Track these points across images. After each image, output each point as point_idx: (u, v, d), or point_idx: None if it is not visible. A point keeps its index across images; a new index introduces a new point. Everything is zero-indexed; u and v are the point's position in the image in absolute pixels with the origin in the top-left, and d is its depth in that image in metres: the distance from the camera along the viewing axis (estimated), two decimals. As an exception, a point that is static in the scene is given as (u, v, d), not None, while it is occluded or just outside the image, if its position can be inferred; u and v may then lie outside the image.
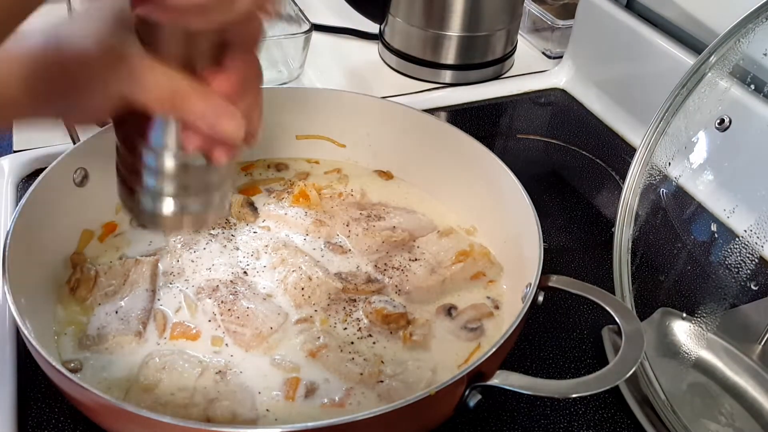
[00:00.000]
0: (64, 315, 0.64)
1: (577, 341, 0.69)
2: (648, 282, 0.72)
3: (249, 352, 0.62)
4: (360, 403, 0.58)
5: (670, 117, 0.67)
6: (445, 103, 1.04)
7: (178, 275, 0.68)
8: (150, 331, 0.63)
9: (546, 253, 0.60)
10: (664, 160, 0.68)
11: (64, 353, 0.61)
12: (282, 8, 1.10)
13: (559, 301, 0.72)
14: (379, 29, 1.12)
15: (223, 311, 0.64)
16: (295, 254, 0.70)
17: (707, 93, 0.66)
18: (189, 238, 0.71)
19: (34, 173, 0.84)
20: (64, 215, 0.68)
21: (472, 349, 0.64)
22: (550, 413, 0.63)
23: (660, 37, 0.91)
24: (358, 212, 0.75)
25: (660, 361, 0.64)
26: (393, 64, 1.10)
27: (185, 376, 0.59)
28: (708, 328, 0.65)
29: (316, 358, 0.61)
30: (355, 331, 0.64)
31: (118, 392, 0.58)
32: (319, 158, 0.85)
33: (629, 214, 0.68)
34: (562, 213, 0.85)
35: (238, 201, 0.76)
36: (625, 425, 0.62)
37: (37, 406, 0.60)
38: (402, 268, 0.70)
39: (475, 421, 0.62)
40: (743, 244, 0.63)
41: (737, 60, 0.65)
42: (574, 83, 1.07)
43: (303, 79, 1.04)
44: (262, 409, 0.57)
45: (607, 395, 0.64)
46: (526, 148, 0.97)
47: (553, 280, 0.58)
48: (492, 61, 1.08)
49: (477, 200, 0.75)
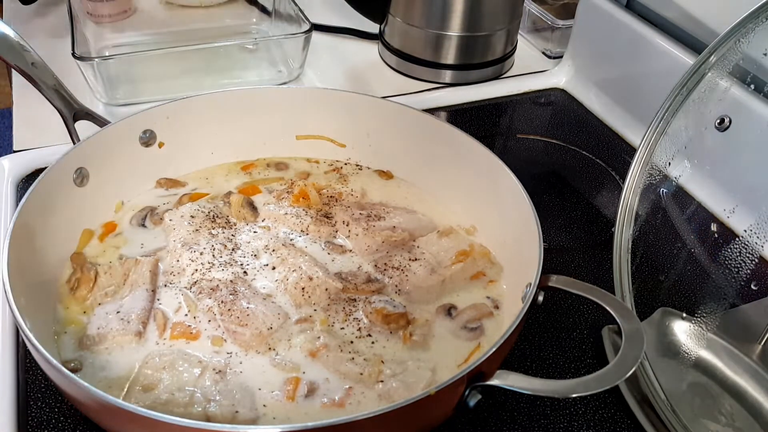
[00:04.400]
0: (64, 315, 0.64)
1: (577, 341, 0.69)
2: (648, 282, 0.72)
3: (249, 352, 0.62)
4: (360, 403, 0.58)
5: (670, 117, 0.67)
6: (445, 103, 1.04)
7: (178, 275, 0.68)
8: (150, 331, 0.63)
9: (546, 253, 0.60)
10: (664, 160, 0.68)
11: (64, 353, 0.61)
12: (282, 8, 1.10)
13: (559, 301, 0.72)
14: (379, 29, 1.12)
15: (223, 311, 0.64)
16: (295, 254, 0.70)
17: (707, 93, 0.66)
18: (189, 238, 0.71)
19: (34, 173, 0.84)
20: (64, 215, 0.69)
21: (472, 349, 0.64)
22: (550, 413, 0.63)
23: (660, 37, 0.91)
24: (358, 212, 0.75)
25: (660, 361, 0.64)
26: (393, 64, 1.10)
27: (185, 376, 0.59)
28: (708, 328, 0.65)
29: (316, 358, 0.61)
30: (355, 330, 0.64)
31: (118, 392, 0.58)
32: (319, 158, 0.85)
33: (629, 214, 0.68)
34: (562, 213, 0.85)
35: (238, 201, 0.76)
36: (625, 425, 0.62)
37: (37, 406, 0.61)
38: (402, 268, 0.70)
39: (475, 421, 0.62)
40: (743, 244, 0.63)
41: (737, 60, 0.64)
42: (574, 83, 1.07)
43: (303, 79, 1.04)
44: (262, 409, 0.58)
45: (607, 395, 0.64)
46: (526, 148, 0.97)
47: (553, 280, 0.58)
48: (492, 61, 1.08)
49: (477, 200, 0.75)
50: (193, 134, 0.80)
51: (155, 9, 1.19)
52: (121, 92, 0.97)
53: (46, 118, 0.86)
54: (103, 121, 0.75)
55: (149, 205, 0.76)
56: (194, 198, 0.78)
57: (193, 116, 0.79)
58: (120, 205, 0.76)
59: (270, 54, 1.07)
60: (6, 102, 2.29)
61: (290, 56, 1.04)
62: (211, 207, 0.75)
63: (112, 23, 1.13)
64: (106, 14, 1.12)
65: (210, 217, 0.74)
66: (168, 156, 0.79)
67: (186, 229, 0.72)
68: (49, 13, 1.19)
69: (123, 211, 0.76)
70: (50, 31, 1.13)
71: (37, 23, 1.16)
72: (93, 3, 1.11)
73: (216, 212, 0.75)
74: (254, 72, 1.04)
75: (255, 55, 1.06)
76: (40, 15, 1.18)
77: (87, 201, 0.71)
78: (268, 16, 1.16)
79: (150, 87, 0.99)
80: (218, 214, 0.75)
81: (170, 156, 0.79)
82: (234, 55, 1.04)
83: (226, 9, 1.20)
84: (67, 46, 0.92)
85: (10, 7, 1.21)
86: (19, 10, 1.19)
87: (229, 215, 0.75)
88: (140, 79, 0.99)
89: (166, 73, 1.01)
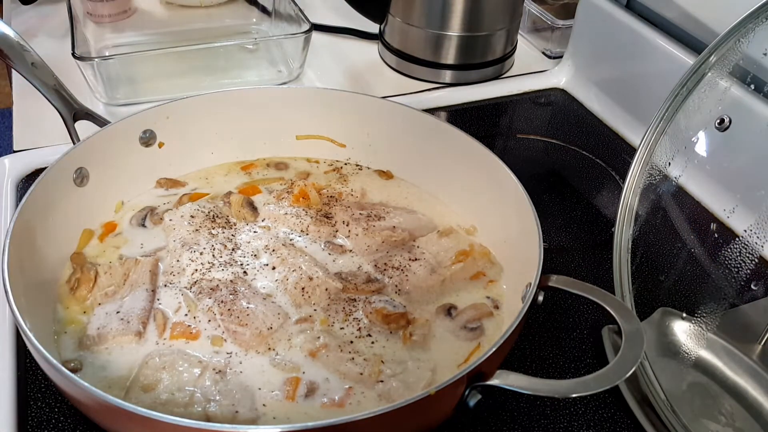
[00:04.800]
0: (64, 315, 0.64)
1: (577, 341, 0.69)
2: (648, 282, 0.72)
3: (249, 352, 0.62)
4: (360, 403, 0.58)
5: (670, 117, 0.67)
6: (445, 103, 1.04)
7: (178, 275, 0.68)
8: (150, 331, 0.63)
9: (546, 253, 0.60)
10: (664, 160, 0.68)
11: (64, 353, 0.61)
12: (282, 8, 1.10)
13: (559, 301, 0.72)
14: (379, 29, 1.12)
15: (223, 311, 0.64)
16: (295, 254, 0.70)
17: (707, 93, 0.66)
18: (189, 238, 0.71)
19: (34, 173, 0.84)
20: (64, 215, 0.69)
21: (472, 349, 0.64)
22: (550, 413, 0.63)
23: (660, 37, 0.91)
24: (358, 212, 0.75)
25: (660, 361, 0.64)
26: (393, 64, 1.10)
27: (185, 376, 0.59)
28: (708, 328, 0.65)
29: (316, 358, 0.61)
30: (355, 330, 0.64)
31: (118, 392, 0.58)
32: (319, 158, 0.85)
33: (629, 214, 0.68)
34: (562, 213, 0.85)
35: (238, 201, 0.76)
36: (625, 425, 0.62)
37: (37, 406, 0.61)
38: (402, 268, 0.70)
39: (475, 421, 0.62)
40: (743, 244, 0.63)
41: (737, 60, 0.64)
42: (574, 83, 1.07)
43: (303, 79, 1.04)
44: (262, 409, 0.58)
45: (607, 395, 0.64)
46: (526, 148, 0.97)
47: (553, 280, 0.58)
48: (492, 61, 1.08)
49: (477, 200, 0.75)
50: (193, 134, 0.80)
51: (155, 9, 1.19)
52: (121, 92, 0.97)
53: (46, 118, 0.86)
54: (103, 121, 0.75)
55: (149, 205, 0.76)
56: (194, 198, 0.78)
57: (193, 116, 0.79)
58: (120, 205, 0.76)
59: (270, 54, 1.07)
60: (6, 102, 2.29)
61: (290, 56, 1.04)
62: (211, 207, 0.75)
63: (112, 23, 1.13)
64: (106, 14, 1.12)
65: (210, 217, 0.74)
66: (168, 156, 0.79)
67: (186, 229, 0.72)
68: (49, 13, 1.19)
69: (123, 211, 0.76)
70: (50, 31, 1.13)
71: (37, 23, 1.16)
72: (93, 3, 1.11)
73: (216, 212, 0.75)
74: (254, 72, 1.04)
75: (255, 55, 1.06)
76: (40, 15, 1.18)
77: (87, 201, 0.71)
78: (268, 16, 1.16)
79: (150, 87, 0.99)
80: (218, 214, 0.75)
81: (170, 156, 0.79)
82: (234, 55, 1.04)
83: (226, 9, 1.20)
84: (67, 46, 0.92)
85: (10, 7, 1.21)
86: (19, 10, 1.19)
87: (229, 215, 0.75)
88: (140, 79, 0.99)
89: (166, 73, 1.01)
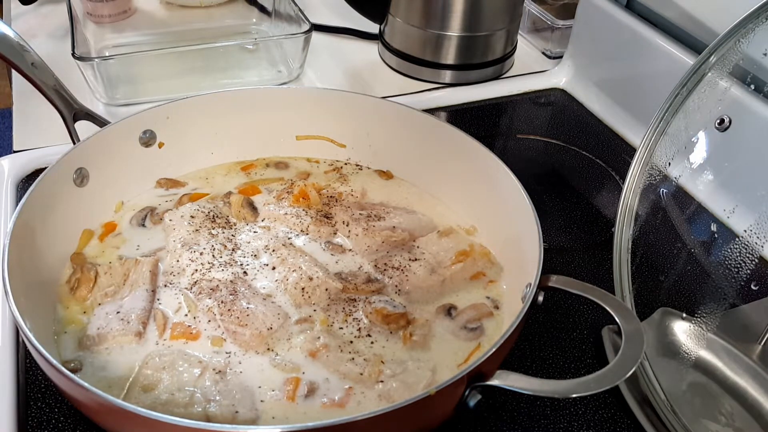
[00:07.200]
0: (64, 315, 0.64)
1: (577, 341, 0.69)
2: (648, 282, 0.72)
3: (249, 352, 0.62)
4: (360, 403, 0.58)
5: (670, 117, 0.67)
6: (445, 103, 1.04)
7: (178, 275, 0.68)
8: (150, 331, 0.63)
9: (546, 253, 0.60)
10: (664, 160, 0.68)
11: (64, 353, 0.61)
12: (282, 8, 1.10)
13: (559, 301, 0.72)
14: (379, 29, 1.12)
15: (223, 311, 0.64)
16: (295, 254, 0.70)
17: (707, 93, 0.66)
18: (189, 238, 0.71)
19: (34, 173, 0.84)
20: (64, 215, 0.69)
21: (472, 349, 0.64)
22: (550, 413, 0.63)
23: (660, 37, 0.91)
24: (358, 212, 0.75)
25: (660, 361, 0.64)
26: (393, 64, 1.10)
27: (185, 376, 0.59)
28: (708, 328, 0.65)
29: (316, 358, 0.61)
30: (355, 330, 0.64)
31: (118, 392, 0.58)
32: (319, 158, 0.85)
33: (629, 214, 0.68)
34: (562, 213, 0.85)
35: (238, 201, 0.76)
36: (625, 425, 0.62)
37: (37, 406, 0.61)
38: (402, 268, 0.70)
39: (475, 421, 0.62)
40: (743, 244, 0.63)
41: (737, 60, 0.64)
42: (574, 83, 1.07)
43: (303, 79, 1.04)
44: (262, 409, 0.58)
45: (607, 395, 0.64)
46: (526, 148, 0.97)
47: (553, 280, 0.58)
48: (492, 61, 1.08)
49: (477, 200, 0.75)
50: (193, 134, 0.80)
51: (155, 9, 1.19)
52: (121, 92, 0.97)
53: (46, 118, 0.86)
54: (103, 121, 0.75)
55: (149, 205, 0.76)
56: (194, 198, 0.78)
57: (193, 116, 0.79)
58: (120, 205, 0.76)
59: (270, 54, 1.07)
60: (6, 102, 2.29)
61: (290, 56, 1.04)
62: (211, 207, 0.75)
63: (112, 23, 1.13)
64: (106, 14, 1.12)
65: (210, 217, 0.74)
66: (168, 156, 0.79)
67: (186, 229, 0.72)
68: (49, 13, 1.19)
69: (123, 211, 0.76)
70: (50, 31, 1.13)
71: (37, 23, 1.16)
72: (93, 3, 1.11)
73: (216, 212, 0.75)
74: (254, 72, 1.04)
75: (255, 55, 1.06)
76: (40, 15, 1.18)
77: (87, 201, 0.71)
78: (268, 16, 1.16)
79: (150, 87, 0.99)
80: (218, 214, 0.75)
81: (170, 156, 0.79)
82: (234, 55, 1.04)
83: (226, 9, 1.20)
84: (67, 46, 0.92)
85: (10, 7, 1.21)
86: (19, 10, 1.19)
87: (229, 215, 0.75)
88: (140, 79, 0.99)
89: (166, 73, 1.01)
